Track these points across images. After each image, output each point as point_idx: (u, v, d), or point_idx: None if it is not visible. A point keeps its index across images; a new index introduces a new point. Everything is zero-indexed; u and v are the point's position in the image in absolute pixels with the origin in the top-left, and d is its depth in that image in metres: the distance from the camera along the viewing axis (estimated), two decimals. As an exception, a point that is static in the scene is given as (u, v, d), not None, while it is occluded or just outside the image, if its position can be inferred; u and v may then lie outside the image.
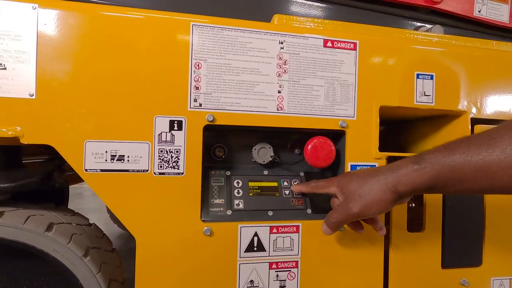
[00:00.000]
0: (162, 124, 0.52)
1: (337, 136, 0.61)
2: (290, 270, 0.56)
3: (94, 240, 0.57)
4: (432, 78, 0.62)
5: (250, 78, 0.55)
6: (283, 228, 0.56)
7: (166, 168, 0.52)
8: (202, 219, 0.54)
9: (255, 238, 0.55)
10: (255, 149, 0.61)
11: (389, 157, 0.61)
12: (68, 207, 0.71)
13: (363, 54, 0.59)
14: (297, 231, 0.57)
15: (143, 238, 0.51)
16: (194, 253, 0.53)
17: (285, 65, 0.57)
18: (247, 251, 0.55)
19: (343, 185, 0.49)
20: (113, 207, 0.50)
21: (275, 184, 0.60)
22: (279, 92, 0.56)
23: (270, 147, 0.61)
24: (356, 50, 0.59)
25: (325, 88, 0.58)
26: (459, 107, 0.64)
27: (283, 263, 0.56)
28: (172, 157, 0.52)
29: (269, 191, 0.59)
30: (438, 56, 0.63)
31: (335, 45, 0.58)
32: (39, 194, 0.70)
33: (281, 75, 0.56)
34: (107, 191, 0.50)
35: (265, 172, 0.62)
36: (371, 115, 0.60)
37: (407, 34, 0.67)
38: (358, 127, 0.59)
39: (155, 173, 0.52)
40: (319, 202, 0.59)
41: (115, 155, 0.50)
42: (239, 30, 0.55)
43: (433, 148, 0.42)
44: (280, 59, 0.56)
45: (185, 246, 0.52)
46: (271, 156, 0.61)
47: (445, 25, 0.93)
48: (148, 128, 0.51)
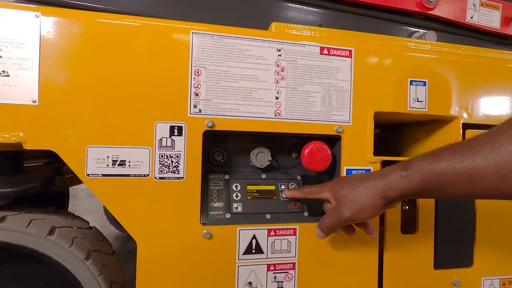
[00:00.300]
0: (162, 130, 0.53)
1: (333, 141, 0.63)
2: (287, 272, 0.58)
3: (95, 243, 0.58)
4: (425, 84, 0.64)
5: (249, 85, 0.56)
6: (280, 231, 0.58)
7: (167, 172, 0.53)
8: (202, 222, 0.55)
9: (254, 241, 0.56)
10: (253, 153, 0.62)
11: (384, 161, 0.63)
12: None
13: (358, 61, 0.61)
14: (294, 234, 0.58)
15: (144, 241, 0.52)
16: (194, 256, 0.54)
17: (282, 72, 0.58)
18: (245, 253, 0.56)
19: (335, 191, 0.51)
20: (115, 211, 0.51)
21: (272, 187, 0.62)
22: (276, 98, 0.58)
23: (267, 152, 0.62)
24: (351, 57, 0.61)
25: (321, 94, 0.60)
26: (451, 112, 0.66)
27: (280, 265, 0.58)
28: (172, 162, 0.53)
29: (267, 194, 0.61)
30: (430, 63, 0.65)
31: (331, 52, 0.60)
32: (39, 198, 0.70)
33: (278, 81, 0.58)
34: (108, 196, 0.51)
35: (263, 176, 0.64)
36: (366, 121, 0.61)
37: (401, 42, 0.69)
38: (354, 132, 0.61)
39: (155, 177, 0.53)
40: (315, 205, 0.61)
41: (117, 160, 0.51)
42: (238, 38, 0.56)
43: (421, 155, 0.44)
44: (278, 66, 0.58)
45: (185, 248, 0.54)
46: (269, 160, 0.62)
47: (438, 30, 0.96)
48: (149, 133, 0.52)
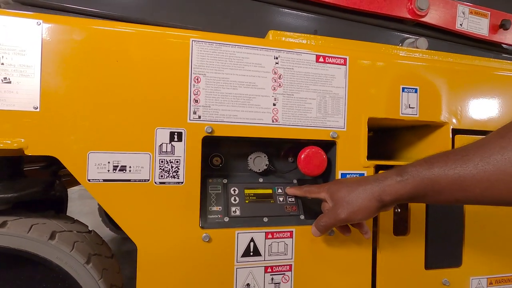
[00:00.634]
0: (162, 136, 0.54)
1: (328, 146, 0.65)
2: (284, 273, 0.60)
3: (94, 247, 0.59)
4: (416, 91, 0.67)
5: (247, 92, 0.58)
6: (277, 234, 0.59)
7: (167, 177, 0.54)
8: (201, 226, 0.56)
9: (251, 244, 0.58)
10: (250, 158, 0.64)
11: (377, 166, 0.65)
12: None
13: (352, 68, 0.63)
14: (291, 236, 0.60)
15: (144, 244, 0.53)
16: (194, 259, 0.55)
17: (279, 79, 0.60)
18: (243, 256, 0.57)
19: (332, 192, 0.53)
20: (115, 215, 0.52)
21: (269, 191, 0.64)
22: (274, 104, 0.59)
23: (265, 156, 0.64)
24: (346, 65, 0.63)
25: (317, 101, 0.61)
26: (441, 118, 0.68)
27: (277, 267, 0.59)
28: (172, 167, 0.54)
29: (264, 198, 0.62)
30: (421, 70, 0.67)
31: (327, 60, 0.62)
32: (39, 202, 0.70)
33: (276, 88, 0.59)
34: (109, 200, 0.52)
35: (260, 180, 0.65)
36: (360, 126, 0.63)
37: (393, 50, 0.71)
38: (348, 137, 0.63)
39: (155, 182, 0.54)
40: (311, 208, 0.63)
41: (117, 166, 0.52)
42: (236, 46, 0.57)
43: (416, 161, 0.46)
44: (275, 73, 0.59)
45: (184, 252, 0.55)
46: (266, 165, 0.64)
47: (429, 37, 0.99)
48: (149, 139, 0.53)
